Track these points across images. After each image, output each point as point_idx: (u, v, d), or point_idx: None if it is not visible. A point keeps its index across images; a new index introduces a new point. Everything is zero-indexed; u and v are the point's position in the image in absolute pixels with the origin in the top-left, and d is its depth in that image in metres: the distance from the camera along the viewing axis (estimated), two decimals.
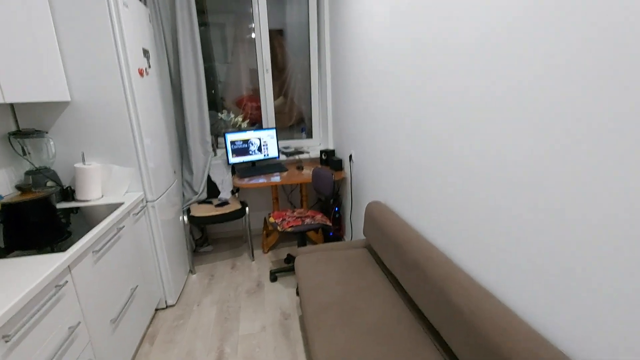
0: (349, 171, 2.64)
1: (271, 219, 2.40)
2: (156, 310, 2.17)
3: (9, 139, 1.67)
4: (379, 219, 1.77)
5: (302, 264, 1.87)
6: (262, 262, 2.77)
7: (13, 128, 1.72)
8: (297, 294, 2.31)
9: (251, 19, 2.97)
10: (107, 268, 1.49)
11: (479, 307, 1.02)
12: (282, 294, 2.32)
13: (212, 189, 2.90)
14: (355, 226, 2.63)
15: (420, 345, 1.24)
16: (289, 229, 2.21)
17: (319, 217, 2.38)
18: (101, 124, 1.81)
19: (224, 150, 3.02)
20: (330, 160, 2.91)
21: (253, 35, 3.00)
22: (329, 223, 2.33)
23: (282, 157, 3.12)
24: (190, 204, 2.73)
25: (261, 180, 2.63)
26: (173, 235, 2.27)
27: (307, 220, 2.30)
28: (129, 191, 1.93)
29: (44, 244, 1.30)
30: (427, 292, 1.25)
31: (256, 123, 3.21)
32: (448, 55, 1.23)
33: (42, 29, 1.56)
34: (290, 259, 2.71)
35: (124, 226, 1.69)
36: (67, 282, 1.18)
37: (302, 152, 3.15)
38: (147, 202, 1.97)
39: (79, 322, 1.22)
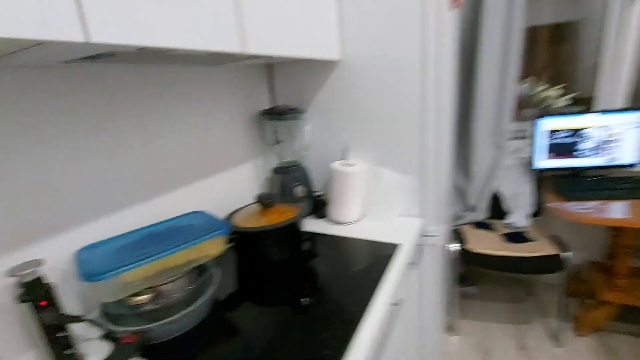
0: None
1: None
2: None
3: (260, 121, 1.18)
4: None
5: None
6: (577, 353, 1.51)
7: (266, 105, 1.23)
8: None
9: None
10: None
11: None
12: None
13: (493, 205, 1.83)
14: None
15: None
16: None
17: None
18: (375, 96, 1.06)
19: (519, 144, 1.86)
20: None
21: None
22: None
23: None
24: (460, 225, 1.78)
25: (612, 214, 1.33)
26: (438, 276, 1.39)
27: None
28: (401, 214, 1.15)
29: (287, 300, 0.67)
30: None
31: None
32: None
33: None
34: None
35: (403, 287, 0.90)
36: None
37: None
38: (425, 236, 1.14)
39: None
